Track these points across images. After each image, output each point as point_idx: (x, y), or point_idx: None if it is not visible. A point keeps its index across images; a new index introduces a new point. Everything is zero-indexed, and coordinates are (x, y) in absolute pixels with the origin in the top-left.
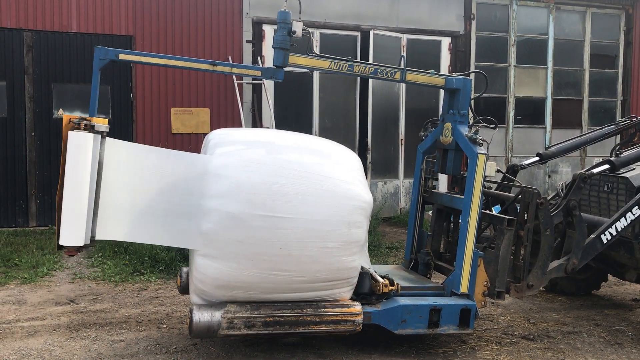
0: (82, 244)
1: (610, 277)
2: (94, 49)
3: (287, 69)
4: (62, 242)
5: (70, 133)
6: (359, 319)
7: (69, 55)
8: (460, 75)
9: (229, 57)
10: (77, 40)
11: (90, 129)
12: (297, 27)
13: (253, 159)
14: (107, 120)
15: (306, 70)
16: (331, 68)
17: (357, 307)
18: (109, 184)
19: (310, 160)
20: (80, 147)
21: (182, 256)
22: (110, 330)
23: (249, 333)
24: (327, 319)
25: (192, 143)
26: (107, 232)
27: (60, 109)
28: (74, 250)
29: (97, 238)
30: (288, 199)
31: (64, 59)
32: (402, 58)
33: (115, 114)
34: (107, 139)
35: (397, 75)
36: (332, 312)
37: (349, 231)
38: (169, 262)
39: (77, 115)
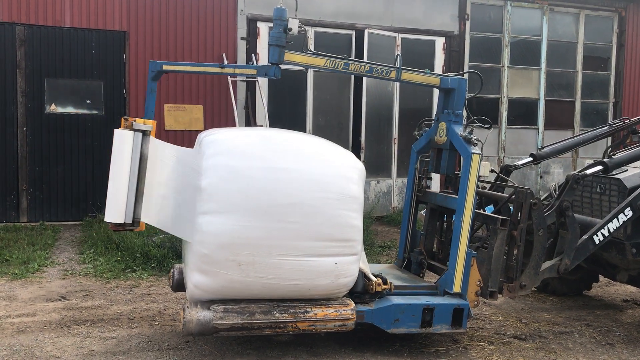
0: (122, 221)
1: (601, 277)
2: (87, 44)
3: (282, 66)
4: (106, 219)
5: (115, 130)
6: (352, 317)
7: (62, 50)
8: (455, 75)
9: (224, 55)
10: (70, 35)
11: (131, 127)
12: (293, 25)
13: (250, 137)
14: (154, 122)
15: (302, 68)
16: (327, 66)
17: (351, 306)
18: (150, 176)
19: (306, 148)
20: (121, 142)
21: (175, 253)
22: (102, 327)
23: (243, 331)
24: (320, 316)
25: (185, 140)
26: (149, 217)
27: (53, 104)
28: (118, 227)
29: (141, 220)
30: (285, 155)
31: (56, 54)
32: (398, 57)
33: (107, 109)
34: (150, 137)
35: (393, 74)
36: (325, 311)
37: (346, 185)
38: (161, 259)
39: (69, 110)
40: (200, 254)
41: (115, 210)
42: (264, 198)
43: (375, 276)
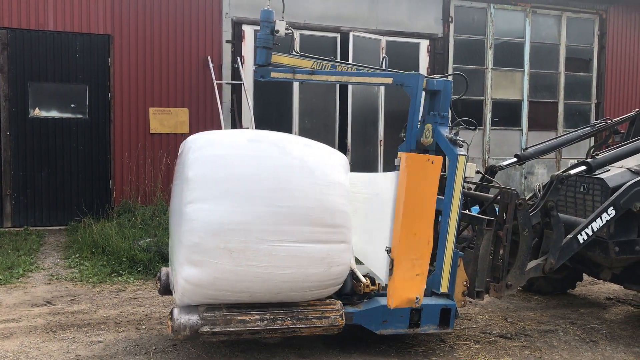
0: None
1: (585, 276)
2: (71, 47)
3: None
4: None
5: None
6: (341, 319)
7: (46, 54)
8: (441, 77)
9: (209, 57)
10: (54, 38)
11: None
12: (280, 26)
13: (234, 134)
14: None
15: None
16: (314, 68)
17: (339, 308)
18: None
19: (290, 140)
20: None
21: (161, 257)
22: (89, 331)
23: (230, 334)
24: (308, 317)
25: (171, 143)
26: None
27: (37, 108)
28: None
29: None
30: (270, 146)
31: (40, 58)
32: (384, 59)
33: (92, 113)
34: None
35: None
36: (314, 313)
37: (332, 171)
38: (147, 262)
39: (54, 114)
40: (190, 243)
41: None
42: (252, 184)
43: (364, 277)
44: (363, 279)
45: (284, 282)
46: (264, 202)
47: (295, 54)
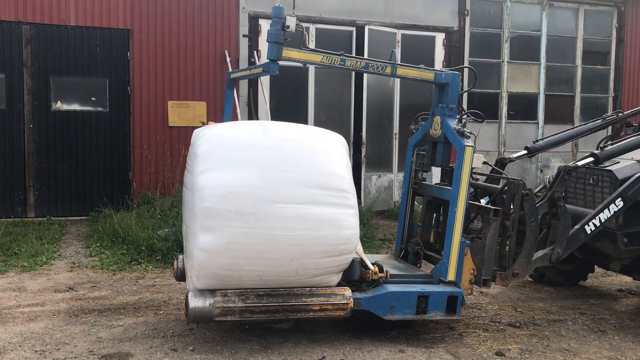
0: None
1: (597, 268)
2: (92, 42)
3: (283, 63)
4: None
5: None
6: (349, 303)
7: (67, 49)
8: (450, 70)
9: (226, 52)
10: (75, 33)
11: None
12: (291, 22)
13: (240, 123)
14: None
15: (300, 64)
16: (323, 62)
17: (348, 293)
18: None
19: (291, 125)
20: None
21: (179, 246)
22: (109, 315)
23: (243, 318)
24: (319, 300)
25: (189, 136)
26: None
27: (59, 101)
28: None
29: None
30: (274, 126)
31: (62, 52)
32: (393, 53)
33: (112, 106)
34: None
35: (388, 70)
36: (324, 297)
37: (332, 145)
38: (166, 251)
39: (75, 107)
40: (202, 209)
41: None
42: (257, 153)
43: (372, 264)
44: (371, 267)
45: (296, 246)
46: (270, 168)
47: (305, 48)
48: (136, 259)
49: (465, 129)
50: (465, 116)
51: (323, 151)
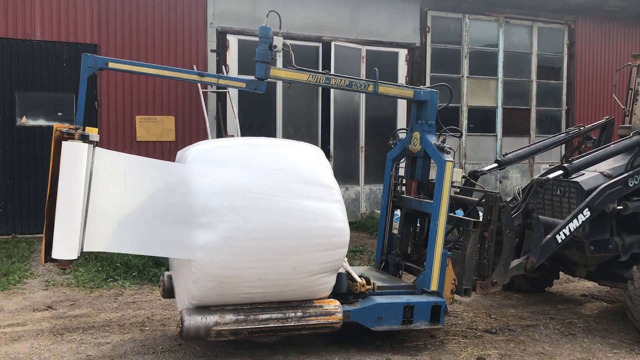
0: (76, 257)
1: (561, 275)
2: (58, 56)
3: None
4: (55, 256)
5: (64, 143)
6: (340, 317)
7: (33, 63)
8: (428, 87)
9: (194, 66)
10: (40, 48)
11: (85, 138)
12: (278, 42)
13: (222, 140)
14: (97, 129)
15: (287, 82)
16: (310, 81)
17: (338, 307)
18: (98, 194)
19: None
20: (75, 158)
21: (155, 262)
22: (94, 333)
23: (238, 332)
24: (309, 313)
25: (157, 151)
26: (96, 243)
27: (24, 117)
28: (66, 264)
29: (85, 250)
30: (257, 140)
31: (27, 67)
32: (375, 71)
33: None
34: (98, 149)
35: (371, 88)
36: (314, 311)
37: (312, 152)
38: (142, 267)
39: (41, 123)
40: (197, 207)
41: (68, 244)
42: (244, 156)
43: (360, 277)
44: (358, 279)
45: (291, 238)
46: (259, 167)
47: (291, 67)
48: (112, 275)
49: (445, 145)
50: (445, 132)
51: (307, 154)
